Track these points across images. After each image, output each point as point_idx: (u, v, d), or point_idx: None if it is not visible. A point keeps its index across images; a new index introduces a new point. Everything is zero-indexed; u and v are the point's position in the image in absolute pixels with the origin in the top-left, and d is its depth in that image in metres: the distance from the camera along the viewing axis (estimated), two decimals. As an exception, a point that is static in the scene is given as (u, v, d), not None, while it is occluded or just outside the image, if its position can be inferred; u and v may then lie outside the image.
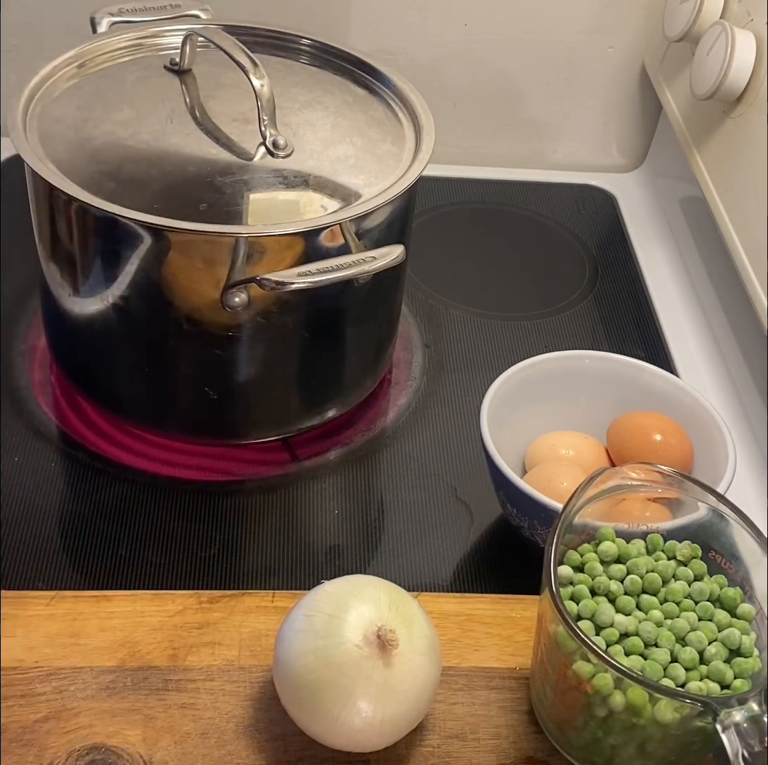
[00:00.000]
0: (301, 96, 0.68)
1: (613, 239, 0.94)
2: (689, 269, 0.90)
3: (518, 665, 0.57)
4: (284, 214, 0.61)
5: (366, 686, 0.48)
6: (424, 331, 0.81)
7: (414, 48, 0.95)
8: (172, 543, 0.64)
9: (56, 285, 0.66)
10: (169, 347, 0.65)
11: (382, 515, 0.68)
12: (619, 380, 0.68)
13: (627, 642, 0.49)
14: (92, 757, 0.51)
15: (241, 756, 0.52)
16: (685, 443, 0.64)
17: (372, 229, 0.62)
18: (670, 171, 0.97)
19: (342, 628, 0.49)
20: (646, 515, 0.54)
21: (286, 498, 0.68)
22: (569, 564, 0.52)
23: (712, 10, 0.81)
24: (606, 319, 0.85)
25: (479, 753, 0.53)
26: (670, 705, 0.46)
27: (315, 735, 0.51)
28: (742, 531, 0.51)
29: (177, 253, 0.60)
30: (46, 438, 0.70)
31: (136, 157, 0.62)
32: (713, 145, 0.81)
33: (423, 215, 0.92)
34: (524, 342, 0.81)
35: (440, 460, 0.71)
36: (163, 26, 0.70)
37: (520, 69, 0.97)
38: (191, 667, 0.55)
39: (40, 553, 0.63)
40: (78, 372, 0.71)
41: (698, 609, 0.51)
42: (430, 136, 0.66)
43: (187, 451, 0.70)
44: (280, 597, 0.59)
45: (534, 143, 1.02)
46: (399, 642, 0.49)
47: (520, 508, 0.61)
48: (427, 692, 0.50)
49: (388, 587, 0.52)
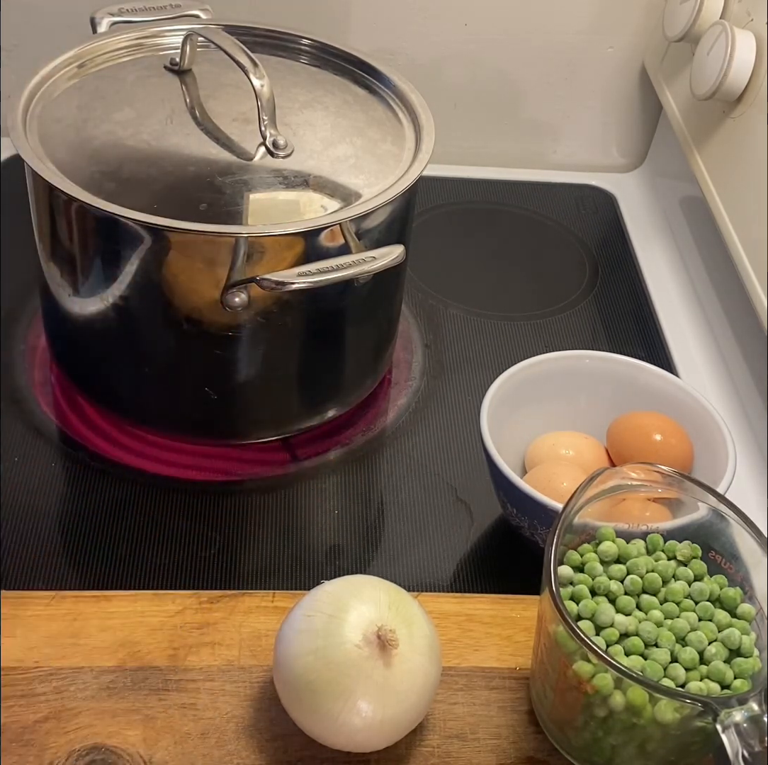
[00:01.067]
0: (301, 96, 0.68)
1: (613, 239, 0.94)
2: (689, 269, 0.90)
3: (518, 665, 0.57)
4: (284, 214, 0.61)
5: (366, 686, 0.48)
6: (424, 331, 0.81)
7: (414, 48, 0.95)
8: (172, 543, 0.64)
9: (56, 285, 0.66)
10: (169, 347, 0.65)
11: (382, 515, 0.68)
12: (619, 380, 0.68)
13: (627, 642, 0.49)
14: (92, 757, 0.51)
15: (241, 756, 0.52)
16: (685, 443, 0.64)
17: (372, 229, 0.62)
18: (670, 171, 0.97)
19: (342, 628, 0.49)
20: (646, 515, 0.54)
21: (286, 498, 0.68)
22: (569, 564, 0.52)
23: (712, 10, 0.81)
24: (606, 319, 0.85)
25: (479, 753, 0.53)
26: (670, 705, 0.46)
27: (315, 735, 0.51)
28: (742, 531, 0.51)
29: (177, 253, 0.60)
30: (46, 438, 0.70)
31: (136, 157, 0.62)
32: (713, 145, 0.81)
33: (423, 215, 0.92)
34: (524, 342, 0.81)
35: (440, 460, 0.71)
36: (163, 26, 0.70)
37: (520, 69, 0.97)
38: (191, 667, 0.55)
39: (40, 553, 0.63)
40: (78, 372, 0.71)
41: (698, 609, 0.51)
42: (430, 136, 0.66)
43: (187, 451, 0.70)
44: (280, 597, 0.59)
45: (534, 143, 1.02)
46: (399, 642, 0.49)
47: (520, 508, 0.61)
48: (427, 692, 0.51)
49: (388, 587, 0.52)
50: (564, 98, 0.99)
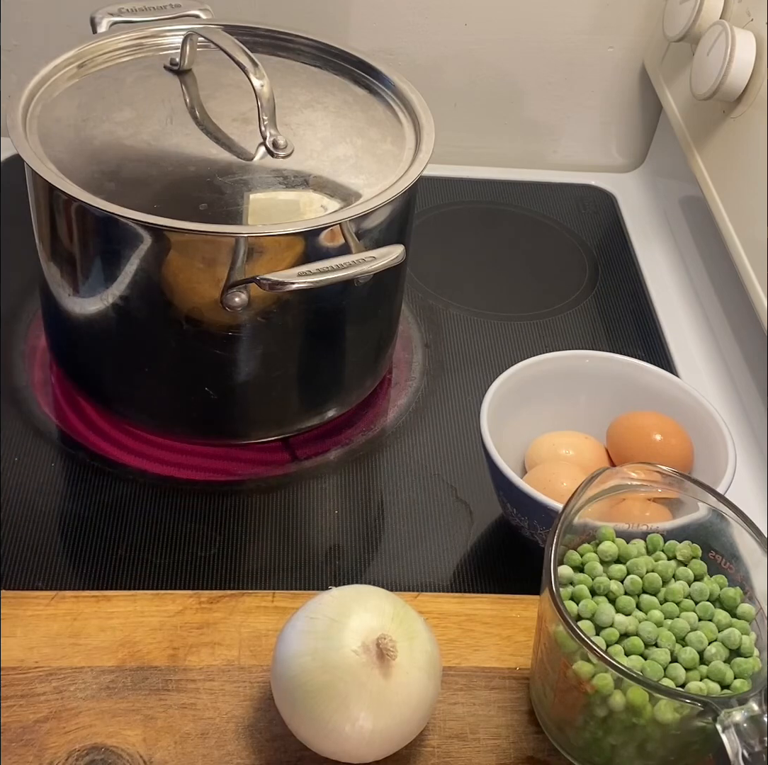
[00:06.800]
0: (301, 96, 0.68)
1: (613, 239, 0.94)
2: (689, 269, 0.90)
3: (518, 665, 0.57)
4: (284, 214, 0.61)
5: (360, 693, 0.48)
6: (424, 331, 0.81)
7: (414, 48, 0.95)
8: (172, 543, 0.64)
9: (56, 285, 0.66)
10: (169, 347, 0.65)
11: (382, 515, 0.68)
12: (619, 380, 0.68)
13: (627, 642, 0.49)
14: (92, 757, 0.51)
15: (241, 756, 0.52)
16: (685, 443, 0.64)
17: (372, 229, 0.62)
18: (670, 171, 0.97)
19: (342, 632, 0.49)
20: (646, 515, 0.54)
21: (286, 498, 0.68)
22: (569, 564, 0.52)
23: (712, 10, 0.81)
24: (606, 319, 0.85)
25: (479, 753, 0.53)
26: (670, 705, 0.46)
27: (304, 739, 0.50)
28: (742, 531, 0.51)
29: (177, 253, 0.60)
30: (46, 438, 0.70)
31: (136, 157, 0.62)
32: (713, 145, 0.81)
33: (423, 215, 0.92)
34: (524, 342, 0.81)
35: (440, 460, 0.71)
36: (163, 26, 0.70)
37: (520, 69, 0.97)
38: (191, 667, 0.55)
39: (40, 553, 0.63)
40: (78, 372, 0.71)
41: (698, 609, 0.51)
42: (430, 136, 0.66)
43: (187, 451, 0.70)
44: (280, 597, 0.59)
45: (534, 143, 1.02)
46: (398, 654, 0.48)
47: (520, 508, 0.61)
48: (422, 709, 0.50)
49: (395, 600, 0.51)
50: (564, 98, 0.99)
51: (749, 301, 0.72)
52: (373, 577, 0.63)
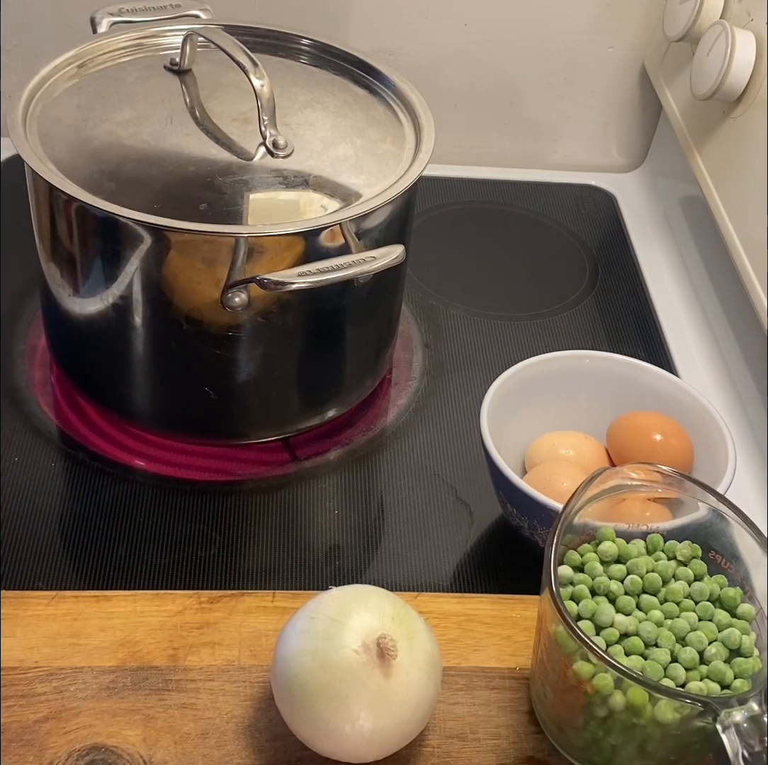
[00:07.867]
0: (301, 96, 0.68)
1: (613, 239, 0.94)
2: (689, 269, 0.90)
3: (518, 665, 0.57)
4: (284, 214, 0.61)
5: (360, 693, 0.48)
6: (424, 331, 0.81)
7: (414, 48, 0.95)
8: (172, 543, 0.64)
9: (56, 285, 0.66)
10: (169, 347, 0.65)
11: (382, 515, 0.68)
12: (619, 380, 0.68)
13: (627, 642, 0.49)
14: (92, 757, 0.51)
15: (241, 756, 0.52)
16: (685, 443, 0.64)
17: (372, 229, 0.62)
18: (670, 171, 0.97)
19: (342, 632, 0.49)
20: (646, 515, 0.54)
21: (286, 498, 0.68)
22: (569, 564, 0.52)
23: (712, 10, 0.81)
24: (606, 319, 0.85)
25: (479, 753, 0.53)
26: (670, 705, 0.46)
27: (304, 738, 0.50)
28: (742, 531, 0.51)
29: (177, 253, 0.60)
30: (46, 438, 0.70)
31: (136, 157, 0.62)
32: (713, 145, 0.81)
33: (423, 215, 0.92)
34: (524, 342, 0.81)
35: (440, 460, 0.71)
36: (163, 26, 0.70)
37: (520, 69, 0.97)
38: (191, 667, 0.55)
39: (40, 553, 0.63)
40: (78, 372, 0.71)
41: (698, 609, 0.51)
42: (430, 136, 0.66)
43: (187, 451, 0.70)
44: (280, 597, 0.59)
45: (534, 143, 1.02)
46: (399, 653, 0.48)
47: (520, 508, 0.61)
48: (423, 709, 0.50)
49: (395, 600, 0.51)
50: (564, 98, 0.99)
51: (749, 301, 0.72)
52: (373, 577, 0.63)
